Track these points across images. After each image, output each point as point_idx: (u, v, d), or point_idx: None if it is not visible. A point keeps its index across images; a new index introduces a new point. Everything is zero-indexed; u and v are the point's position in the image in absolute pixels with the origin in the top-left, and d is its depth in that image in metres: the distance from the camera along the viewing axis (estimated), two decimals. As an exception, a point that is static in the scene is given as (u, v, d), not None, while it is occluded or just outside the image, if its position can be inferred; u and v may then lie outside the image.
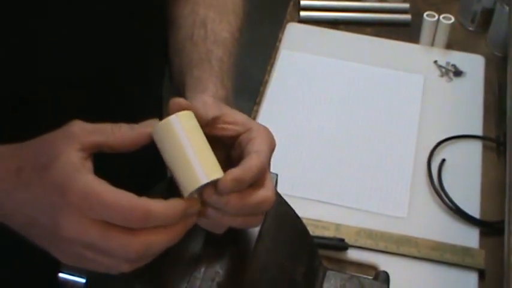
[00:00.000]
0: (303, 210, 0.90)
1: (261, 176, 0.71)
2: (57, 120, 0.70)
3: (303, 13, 1.66)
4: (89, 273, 0.81)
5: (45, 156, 0.67)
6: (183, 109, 0.70)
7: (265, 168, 0.72)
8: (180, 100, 0.71)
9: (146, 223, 0.65)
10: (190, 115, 0.69)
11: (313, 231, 1.19)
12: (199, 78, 0.88)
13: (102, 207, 0.64)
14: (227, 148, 0.76)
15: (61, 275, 0.82)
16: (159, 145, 0.69)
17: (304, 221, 0.88)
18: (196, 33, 0.94)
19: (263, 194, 0.71)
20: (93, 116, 0.71)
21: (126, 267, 0.68)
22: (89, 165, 0.67)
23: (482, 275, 1.18)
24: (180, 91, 0.91)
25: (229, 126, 0.75)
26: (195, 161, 0.67)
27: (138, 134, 0.69)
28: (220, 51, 0.93)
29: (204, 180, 0.67)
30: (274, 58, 1.55)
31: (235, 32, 0.98)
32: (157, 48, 1.02)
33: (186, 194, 0.68)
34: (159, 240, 0.67)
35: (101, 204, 0.64)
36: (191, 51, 0.93)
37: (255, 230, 0.79)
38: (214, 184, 0.68)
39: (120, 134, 0.69)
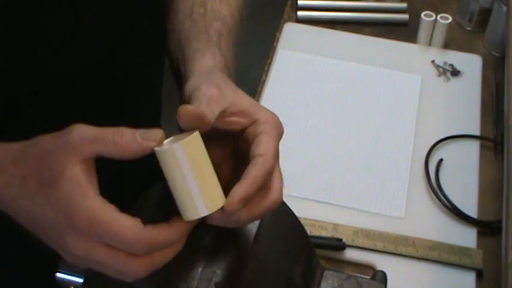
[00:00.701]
0: (300, 210, 0.90)
1: (268, 178, 0.72)
2: (56, 117, 0.70)
3: (300, 13, 1.66)
4: (86, 273, 0.81)
5: (48, 171, 0.67)
6: (192, 116, 0.68)
7: (271, 169, 0.72)
8: (188, 108, 0.69)
9: (151, 251, 0.67)
10: (195, 139, 0.67)
11: (310, 231, 1.19)
12: (197, 49, 0.87)
13: (108, 236, 0.65)
14: (235, 138, 0.76)
15: (59, 274, 0.82)
16: (162, 167, 0.68)
17: (302, 221, 0.88)
18: (195, 11, 0.94)
19: (272, 198, 0.72)
20: (94, 110, 0.71)
21: (132, 279, 0.70)
22: (93, 179, 0.68)
23: (479, 274, 1.18)
24: (176, 72, 0.91)
25: (235, 119, 0.74)
26: (196, 192, 0.67)
27: (140, 146, 0.68)
28: (218, 24, 0.92)
29: (204, 212, 0.67)
30: (272, 58, 1.55)
31: (235, 13, 0.97)
32: (155, 38, 1.02)
33: (186, 220, 0.68)
34: (164, 258, 0.69)
35: (106, 233, 0.65)
36: (190, 26, 0.92)
37: (253, 230, 0.79)
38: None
39: (121, 144, 0.67)
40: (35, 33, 0.83)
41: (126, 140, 0.68)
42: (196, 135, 0.67)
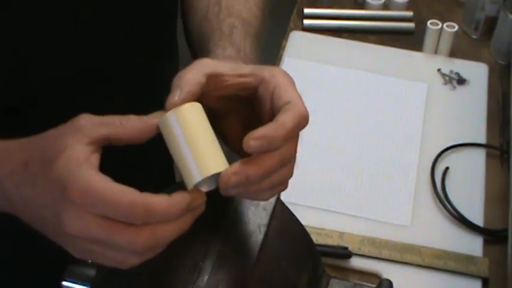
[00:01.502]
0: (306, 219, 0.90)
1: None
2: (56, 117, 0.70)
3: (306, 21, 1.66)
4: (92, 282, 0.81)
5: (51, 151, 0.66)
6: (192, 84, 0.69)
7: (304, 113, 0.74)
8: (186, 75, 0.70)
9: (148, 220, 0.64)
10: (190, 108, 0.68)
11: (316, 239, 1.19)
12: (210, 49, 0.87)
13: (102, 204, 0.63)
14: (250, 108, 0.75)
15: (65, 283, 0.82)
16: (163, 137, 0.68)
17: (308, 229, 0.88)
18: (210, 10, 0.94)
19: (291, 117, 0.72)
20: (93, 110, 0.71)
21: (135, 261, 0.67)
22: (94, 160, 0.66)
23: (486, 283, 1.17)
24: None
25: (240, 80, 0.73)
26: (189, 159, 0.66)
27: (145, 125, 0.68)
28: (232, 19, 0.92)
29: (198, 178, 0.66)
30: (278, 66, 1.55)
31: (252, 6, 0.96)
32: (157, 38, 1.02)
33: (188, 188, 0.67)
34: (165, 233, 0.66)
35: (100, 201, 0.63)
36: (205, 27, 0.92)
37: (259, 238, 0.79)
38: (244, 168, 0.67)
39: (128, 126, 0.68)
40: (35, 33, 0.84)
41: (133, 121, 0.68)
42: (192, 104, 0.68)
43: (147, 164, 1.10)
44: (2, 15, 0.80)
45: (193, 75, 0.70)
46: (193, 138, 0.67)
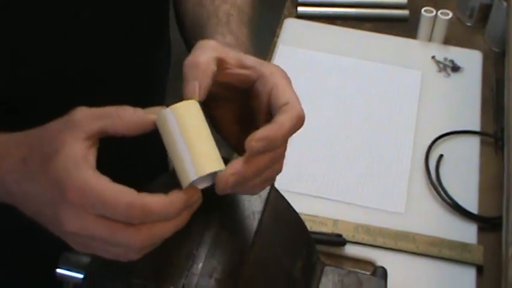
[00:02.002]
0: (300, 206, 0.90)
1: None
2: (56, 117, 0.70)
3: (300, 8, 1.66)
4: (86, 269, 0.81)
5: (49, 147, 0.66)
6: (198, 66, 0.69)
7: (301, 115, 0.75)
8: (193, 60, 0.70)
9: (146, 219, 0.64)
10: (187, 105, 0.68)
11: (311, 226, 1.19)
12: (207, 34, 0.87)
13: (100, 204, 0.63)
14: (242, 98, 0.75)
15: (59, 270, 0.82)
16: (160, 133, 0.68)
17: (302, 217, 0.88)
18: None
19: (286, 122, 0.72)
20: None
21: (134, 256, 0.68)
22: (91, 156, 0.66)
23: (480, 270, 1.18)
24: None
25: (239, 71, 0.73)
26: (186, 157, 0.66)
27: (142, 120, 0.68)
28: (227, 6, 0.92)
29: (193, 177, 0.66)
30: (272, 53, 1.55)
31: None
32: (156, 38, 1.02)
33: (183, 186, 0.67)
34: (163, 231, 0.66)
35: (98, 201, 0.63)
36: (200, 12, 0.92)
37: (253, 226, 0.79)
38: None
39: (125, 118, 0.68)
40: (35, 33, 0.83)
41: (129, 113, 0.68)
42: (190, 102, 0.68)
43: (144, 156, 1.09)
44: (2, 15, 0.80)
45: (206, 62, 0.70)
46: (190, 137, 0.67)
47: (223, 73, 0.72)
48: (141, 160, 1.11)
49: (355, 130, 1.39)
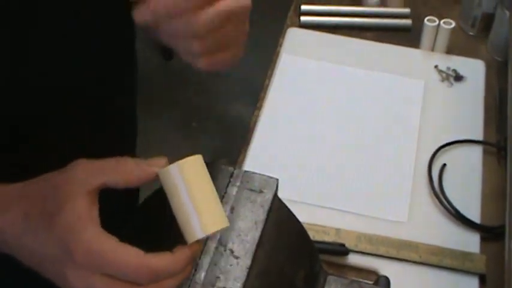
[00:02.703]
0: (303, 215, 0.90)
1: None
2: (39, 121, 0.70)
3: (303, 18, 1.66)
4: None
5: (51, 203, 0.67)
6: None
7: None
8: None
9: (154, 280, 0.66)
10: (193, 161, 0.69)
11: (313, 236, 1.19)
12: None
13: (107, 266, 0.64)
14: None
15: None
16: (164, 189, 0.69)
17: (305, 226, 0.88)
18: None
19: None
20: (83, 111, 0.70)
21: None
22: (95, 213, 0.67)
23: (483, 279, 1.18)
24: None
25: None
26: (192, 215, 0.67)
27: (144, 173, 0.69)
28: None
29: (200, 235, 0.68)
30: (275, 63, 1.55)
31: None
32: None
33: (188, 242, 0.69)
34: (170, 285, 0.68)
35: (106, 264, 0.64)
36: None
37: (256, 235, 0.79)
38: None
39: (125, 171, 0.68)
40: (35, 33, 0.83)
41: (130, 167, 0.69)
42: (196, 157, 0.69)
43: None
44: (2, 15, 0.80)
45: None
46: (195, 194, 0.68)
47: None
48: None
49: (358, 139, 1.39)
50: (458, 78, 1.53)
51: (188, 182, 0.67)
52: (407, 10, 1.70)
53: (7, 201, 0.70)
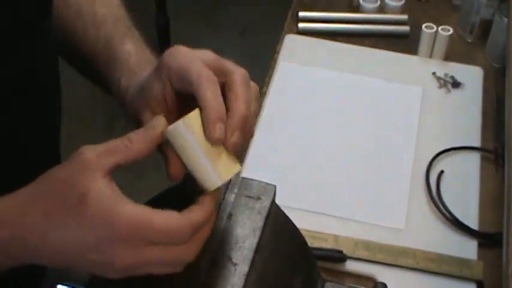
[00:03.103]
0: (301, 222, 0.91)
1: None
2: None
3: (301, 24, 1.66)
4: (87, 285, 0.81)
5: (72, 197, 0.67)
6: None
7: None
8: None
9: (195, 234, 0.68)
10: (197, 115, 0.71)
11: (311, 242, 1.19)
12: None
13: (152, 234, 0.66)
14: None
15: (60, 287, 0.82)
16: (174, 147, 0.71)
17: (303, 233, 0.88)
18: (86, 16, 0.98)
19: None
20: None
21: (181, 268, 0.71)
22: (117, 190, 0.68)
23: (480, 286, 1.17)
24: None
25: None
26: (208, 166, 0.71)
27: (150, 139, 0.70)
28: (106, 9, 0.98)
29: (219, 183, 0.71)
30: (273, 69, 1.55)
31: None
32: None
33: (208, 191, 0.71)
34: (206, 235, 0.71)
35: (150, 232, 0.66)
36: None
37: (254, 242, 0.79)
38: None
39: (133, 148, 0.69)
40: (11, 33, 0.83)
41: (137, 142, 0.70)
42: (196, 112, 0.71)
43: None
44: None
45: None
46: (206, 145, 0.71)
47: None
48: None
49: (356, 146, 1.39)
50: (456, 84, 1.53)
51: (196, 135, 0.70)
52: (405, 17, 1.70)
53: (21, 206, 0.70)
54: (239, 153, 0.75)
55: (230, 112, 0.72)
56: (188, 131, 0.70)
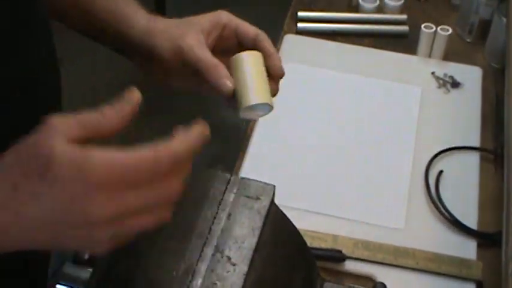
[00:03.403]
0: (300, 222, 0.91)
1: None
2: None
3: (300, 24, 1.66)
4: (86, 284, 0.81)
5: (36, 161, 0.62)
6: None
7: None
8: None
9: (176, 166, 0.64)
10: (256, 54, 0.90)
11: (310, 242, 1.19)
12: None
13: (129, 171, 0.61)
14: None
15: (58, 286, 0.82)
16: (232, 70, 0.89)
17: (302, 232, 0.88)
18: None
19: None
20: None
21: (169, 213, 0.66)
22: (85, 147, 0.62)
23: (479, 286, 1.17)
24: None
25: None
26: (251, 88, 0.88)
27: (124, 117, 0.65)
28: None
29: (254, 101, 0.87)
30: (272, 69, 1.55)
31: None
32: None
33: (241, 108, 0.87)
34: (186, 170, 0.66)
35: (126, 169, 0.61)
36: None
37: (253, 242, 0.79)
38: None
39: (107, 125, 0.65)
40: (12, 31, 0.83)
41: (110, 117, 0.65)
42: (258, 53, 0.91)
43: None
44: None
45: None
46: (257, 75, 0.89)
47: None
48: None
49: (355, 146, 1.39)
50: (455, 84, 1.53)
51: (252, 66, 0.89)
52: (404, 16, 1.70)
53: None
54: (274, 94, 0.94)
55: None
56: (249, 58, 0.89)
